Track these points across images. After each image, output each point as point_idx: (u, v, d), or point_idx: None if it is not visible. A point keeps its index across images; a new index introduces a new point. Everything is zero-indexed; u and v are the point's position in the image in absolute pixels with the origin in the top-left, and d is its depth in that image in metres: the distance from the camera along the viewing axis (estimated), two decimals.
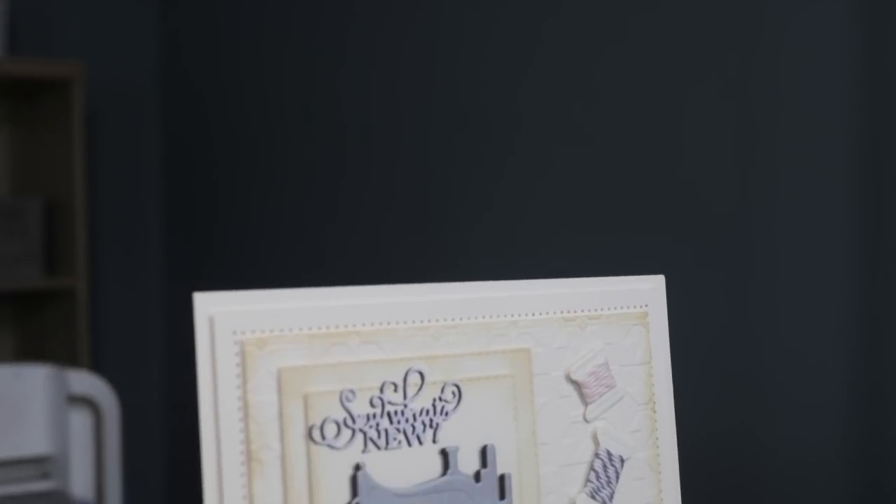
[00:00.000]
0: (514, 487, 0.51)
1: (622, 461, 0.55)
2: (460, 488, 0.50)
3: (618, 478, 0.55)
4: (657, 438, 0.56)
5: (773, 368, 1.22)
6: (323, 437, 0.46)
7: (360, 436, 0.47)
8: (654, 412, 0.56)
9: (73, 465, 1.47)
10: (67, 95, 2.44)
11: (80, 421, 1.47)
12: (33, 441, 1.45)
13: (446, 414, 0.50)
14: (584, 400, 0.54)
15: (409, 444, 0.49)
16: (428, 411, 0.49)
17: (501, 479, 0.51)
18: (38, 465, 1.48)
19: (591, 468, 0.54)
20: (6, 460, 1.45)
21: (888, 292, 1.13)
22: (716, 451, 1.25)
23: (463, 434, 0.50)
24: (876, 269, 1.14)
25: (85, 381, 1.46)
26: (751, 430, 1.24)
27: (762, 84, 1.21)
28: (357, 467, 0.47)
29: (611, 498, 0.54)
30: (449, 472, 0.50)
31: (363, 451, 0.47)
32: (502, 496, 0.51)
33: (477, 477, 0.50)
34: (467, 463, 0.50)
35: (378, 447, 0.48)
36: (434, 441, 0.49)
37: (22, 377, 1.44)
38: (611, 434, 0.55)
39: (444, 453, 0.50)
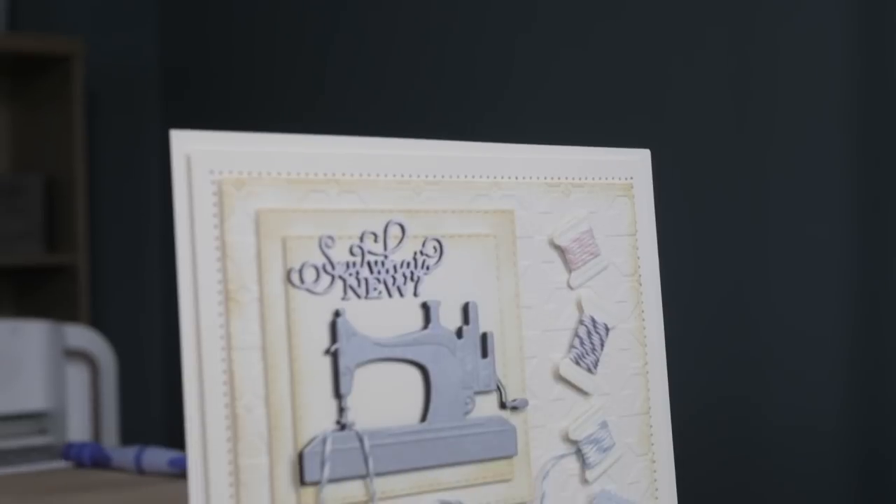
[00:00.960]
0: (497, 347, 0.51)
1: (607, 329, 0.54)
2: (442, 343, 0.49)
3: (602, 345, 0.54)
4: (643, 311, 0.56)
5: (769, 282, 1.22)
6: (302, 281, 0.46)
7: (339, 283, 0.47)
8: (640, 284, 0.56)
9: (70, 420, 1.46)
10: (68, 72, 2.44)
11: (76, 375, 1.46)
12: (30, 396, 1.45)
13: (427, 268, 0.49)
14: (569, 266, 0.54)
15: (390, 295, 0.48)
16: (409, 264, 0.49)
17: (484, 337, 0.51)
18: (35, 420, 1.48)
19: (576, 334, 0.54)
20: (3, 415, 1.45)
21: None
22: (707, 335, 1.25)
23: (444, 290, 0.50)
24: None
25: (82, 336, 1.46)
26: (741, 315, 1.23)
27: None
28: (337, 314, 0.47)
29: (595, 365, 0.54)
30: (430, 326, 0.49)
31: (343, 299, 0.47)
32: (484, 354, 0.51)
33: (459, 333, 0.50)
34: (449, 319, 0.50)
35: (358, 296, 0.48)
36: (415, 294, 0.49)
37: (19, 332, 1.44)
38: (595, 302, 0.54)
39: (425, 307, 0.49)
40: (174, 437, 1.19)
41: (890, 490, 1.14)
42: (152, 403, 2.25)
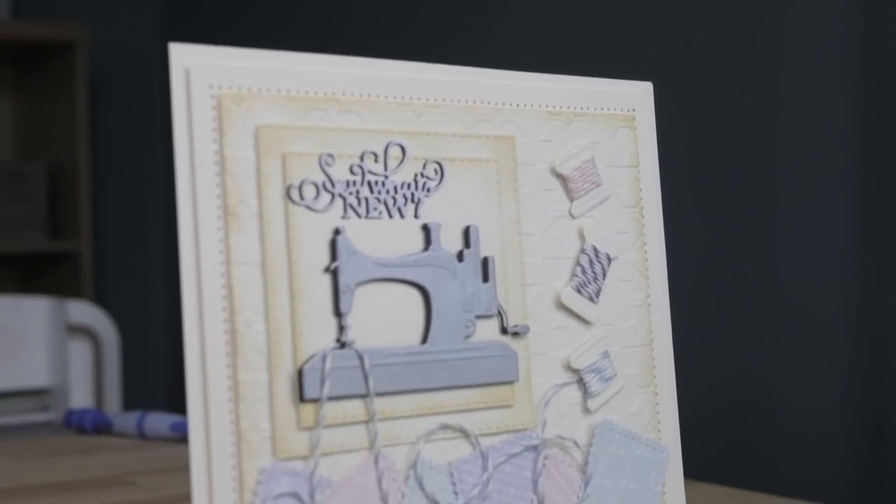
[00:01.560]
0: (498, 272, 0.51)
1: (609, 259, 0.54)
2: (443, 265, 0.49)
3: (604, 275, 0.54)
4: (645, 243, 0.56)
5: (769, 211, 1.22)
6: (301, 198, 0.46)
7: (339, 201, 0.47)
8: (642, 217, 0.56)
9: (72, 397, 1.46)
10: (71, 59, 2.44)
11: (79, 351, 1.46)
12: (33, 373, 1.45)
13: (428, 190, 0.49)
14: (570, 195, 0.54)
15: (391, 216, 0.48)
16: (409, 185, 0.49)
17: (485, 261, 0.50)
18: (38, 397, 1.48)
19: (577, 263, 0.53)
20: (5, 391, 1.45)
21: None
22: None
23: (445, 213, 0.50)
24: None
25: (84, 311, 1.46)
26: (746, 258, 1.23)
27: None
28: (336, 231, 0.47)
29: (597, 294, 0.54)
30: (431, 248, 0.49)
31: (343, 217, 0.47)
32: (485, 279, 0.50)
33: (460, 257, 0.50)
34: (450, 242, 0.50)
35: (358, 215, 0.47)
36: (416, 216, 0.49)
37: (21, 308, 1.44)
38: (597, 231, 0.54)
39: (425, 229, 0.49)
40: (177, 412, 1.19)
41: (893, 467, 1.13)
42: (155, 380, 2.25)
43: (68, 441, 1.05)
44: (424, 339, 0.48)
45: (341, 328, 0.46)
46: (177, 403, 2.14)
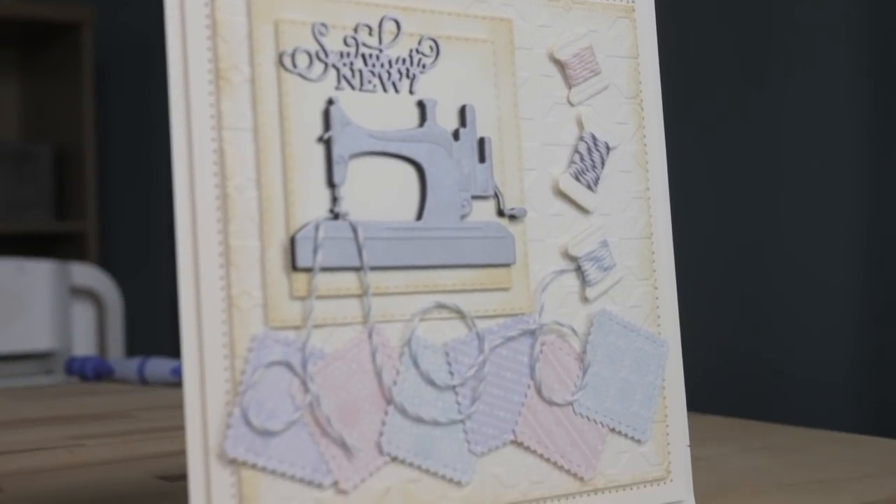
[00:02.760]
0: (495, 154, 0.50)
1: (608, 148, 0.53)
2: (439, 142, 0.48)
3: (603, 164, 0.53)
4: (644, 136, 0.55)
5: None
6: (294, 66, 0.45)
7: (333, 71, 0.46)
8: (642, 109, 0.55)
9: None
10: (77, 40, 2.45)
11: (82, 314, 1.46)
12: (36, 336, 1.44)
13: (423, 67, 0.49)
14: (568, 82, 0.53)
15: (385, 90, 0.48)
16: (404, 60, 0.48)
17: (481, 142, 0.50)
18: (42, 360, 1.47)
19: (576, 150, 0.53)
20: (9, 354, 1.44)
21: None
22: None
23: (441, 90, 0.49)
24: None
25: (87, 274, 1.45)
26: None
27: None
28: (330, 101, 0.46)
29: (595, 182, 0.53)
30: (426, 124, 0.48)
31: (336, 88, 0.46)
32: (482, 159, 0.50)
33: (456, 136, 0.49)
34: (445, 120, 0.49)
35: (352, 87, 0.47)
36: (411, 92, 0.48)
37: (24, 270, 1.44)
38: (596, 120, 0.53)
39: (420, 105, 0.48)
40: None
41: None
42: (159, 343, 2.24)
43: (69, 387, 1.04)
44: (419, 216, 0.48)
45: (334, 199, 0.46)
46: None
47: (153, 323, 2.22)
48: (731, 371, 1.25)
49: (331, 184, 0.46)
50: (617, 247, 0.53)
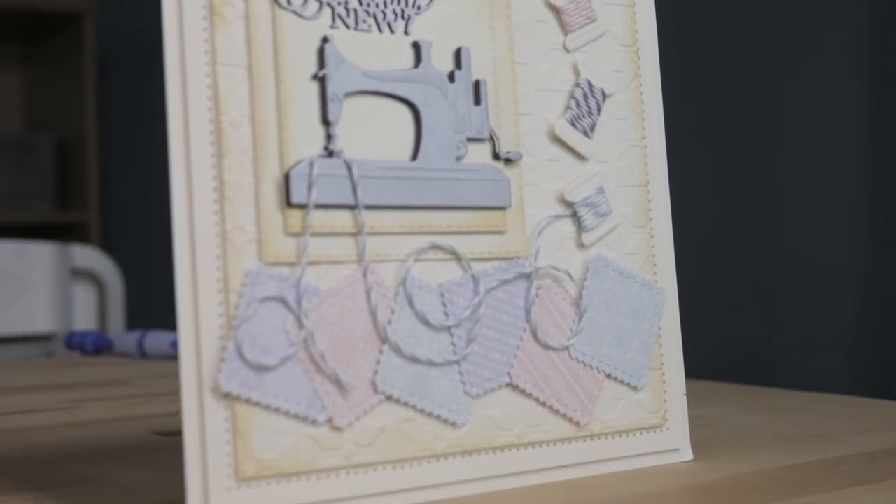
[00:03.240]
0: (490, 98, 0.50)
1: (604, 95, 0.53)
2: (434, 83, 0.48)
3: (599, 110, 0.53)
4: (641, 85, 0.55)
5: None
6: (289, 3, 0.45)
7: (327, 10, 0.46)
8: (638, 57, 0.55)
9: None
10: (79, 31, 2.45)
11: (83, 296, 1.46)
12: (37, 318, 1.44)
13: (419, 8, 0.49)
14: (564, 28, 0.53)
15: (380, 30, 0.48)
16: (399, 1, 0.48)
17: (477, 84, 0.50)
18: (42, 343, 1.47)
19: (572, 96, 0.53)
20: (9, 337, 1.44)
21: None
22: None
23: (436, 32, 0.49)
24: None
25: (88, 256, 1.45)
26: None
27: None
28: (325, 40, 0.46)
29: (591, 129, 0.53)
30: (421, 65, 0.48)
31: (331, 26, 0.46)
32: (477, 102, 0.50)
33: (451, 77, 0.49)
34: (440, 62, 0.49)
35: (347, 26, 0.47)
36: (406, 33, 0.48)
37: (25, 253, 1.44)
38: (592, 67, 0.53)
39: (416, 46, 0.48)
40: None
41: None
42: (159, 326, 2.24)
43: (69, 361, 1.04)
44: (414, 157, 0.48)
45: (329, 137, 0.46)
46: None
47: (154, 306, 2.22)
48: (731, 345, 1.25)
49: (325, 122, 0.46)
50: (613, 194, 0.53)
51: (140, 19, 2.55)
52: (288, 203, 0.45)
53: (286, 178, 0.45)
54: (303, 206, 0.45)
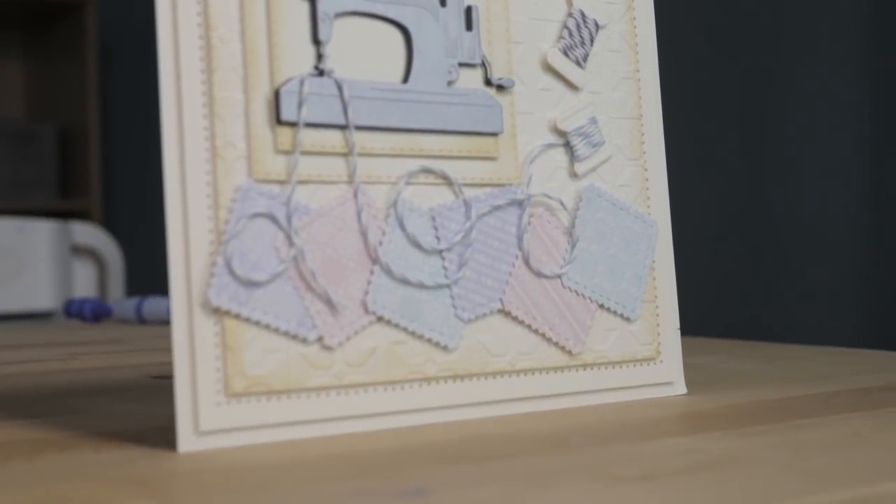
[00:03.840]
0: (483, 24, 0.50)
1: (597, 26, 0.53)
2: (425, 6, 0.48)
3: (592, 41, 0.53)
4: (635, 17, 0.55)
5: None
6: None
7: None
8: None
9: None
10: (81, 20, 2.45)
11: (83, 273, 1.46)
12: (37, 295, 1.44)
13: None
14: None
15: None
16: None
17: (468, 10, 0.50)
18: (43, 320, 1.47)
19: (564, 26, 0.52)
20: (10, 314, 1.44)
21: None
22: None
23: None
24: None
25: (88, 233, 1.45)
26: None
27: None
28: None
29: (584, 59, 0.53)
30: None
31: None
32: (469, 27, 0.49)
33: (442, 2, 0.49)
34: None
35: None
36: None
37: (25, 230, 1.44)
38: None
39: None
40: None
41: None
42: None
43: (68, 328, 1.04)
44: (405, 79, 0.48)
45: (320, 56, 0.46)
46: None
47: (154, 285, 2.22)
48: (727, 303, 1.25)
49: (316, 41, 0.46)
50: (606, 125, 0.53)
51: (142, 8, 2.54)
52: (278, 120, 0.44)
53: (276, 95, 0.44)
54: (293, 124, 0.45)
